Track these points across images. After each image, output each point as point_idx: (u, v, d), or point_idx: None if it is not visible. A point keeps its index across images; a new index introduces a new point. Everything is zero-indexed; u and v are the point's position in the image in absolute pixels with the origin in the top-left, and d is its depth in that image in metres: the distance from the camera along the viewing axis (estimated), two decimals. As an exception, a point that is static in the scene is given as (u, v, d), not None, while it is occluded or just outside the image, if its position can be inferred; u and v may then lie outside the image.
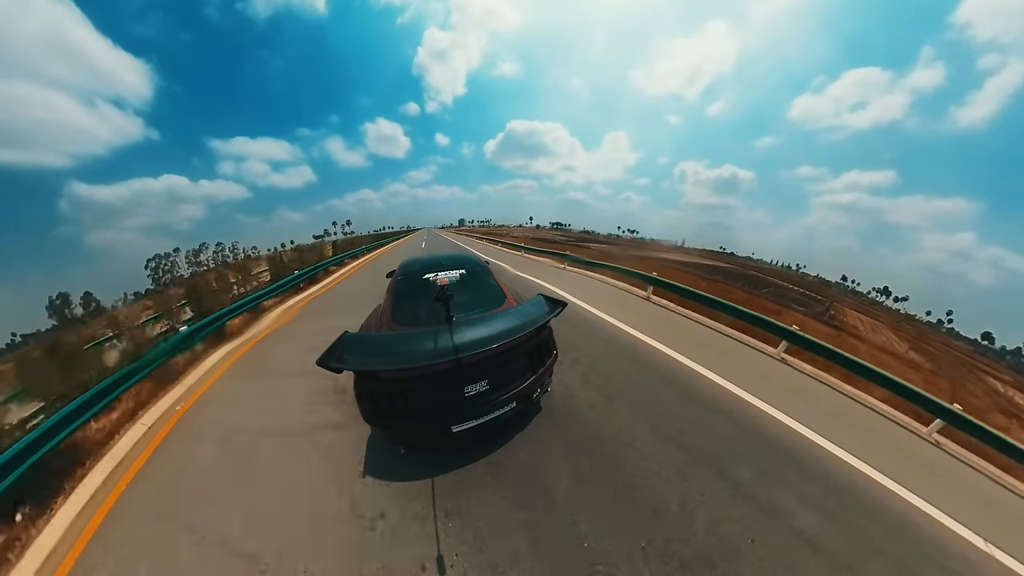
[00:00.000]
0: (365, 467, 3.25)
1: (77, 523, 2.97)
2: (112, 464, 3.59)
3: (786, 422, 4.02)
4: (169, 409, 4.46)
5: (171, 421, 4.18)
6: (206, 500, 3.07)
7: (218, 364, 5.70)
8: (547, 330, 3.36)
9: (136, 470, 3.46)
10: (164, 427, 4.08)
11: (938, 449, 4.18)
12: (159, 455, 3.66)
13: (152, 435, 3.98)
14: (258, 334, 7.04)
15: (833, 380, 5.35)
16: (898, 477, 3.41)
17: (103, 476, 3.43)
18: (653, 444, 3.45)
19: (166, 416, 4.32)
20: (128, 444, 3.87)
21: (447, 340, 2.76)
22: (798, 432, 3.88)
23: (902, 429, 4.46)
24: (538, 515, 2.73)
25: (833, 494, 3.11)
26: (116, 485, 3.30)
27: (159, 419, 4.28)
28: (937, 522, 3.03)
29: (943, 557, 2.72)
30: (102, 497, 3.19)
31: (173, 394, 4.82)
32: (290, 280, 10.43)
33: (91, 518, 2.98)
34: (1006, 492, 3.70)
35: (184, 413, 4.34)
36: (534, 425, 3.63)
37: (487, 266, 4.45)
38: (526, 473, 3.09)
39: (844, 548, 2.63)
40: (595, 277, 11.85)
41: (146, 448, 3.75)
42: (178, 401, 4.64)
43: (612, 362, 5.12)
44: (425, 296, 3.42)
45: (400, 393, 2.75)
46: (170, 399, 4.70)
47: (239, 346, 6.46)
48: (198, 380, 5.19)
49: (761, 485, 3.08)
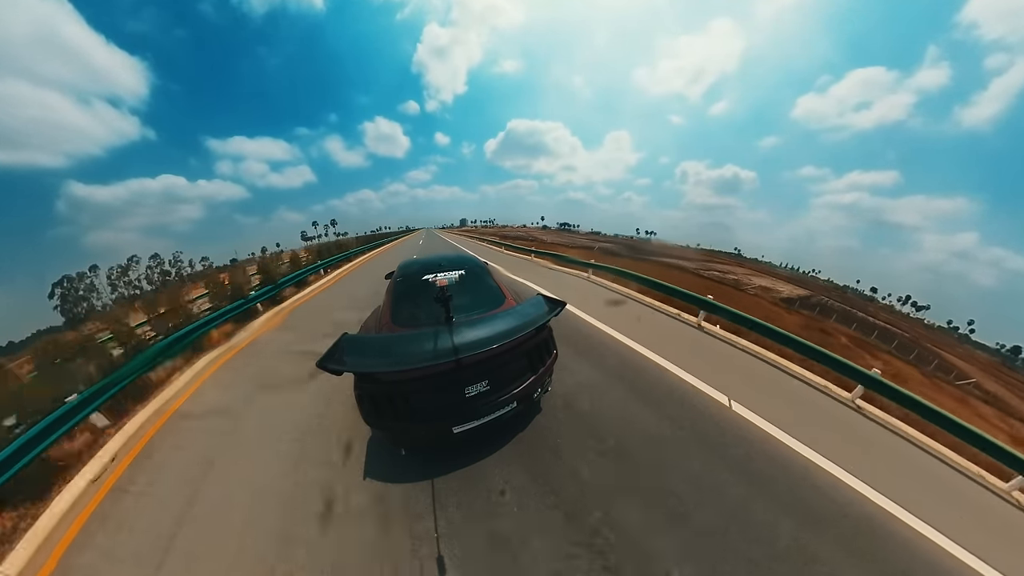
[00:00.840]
0: (366, 469, 3.24)
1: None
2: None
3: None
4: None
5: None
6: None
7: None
8: (547, 330, 3.36)
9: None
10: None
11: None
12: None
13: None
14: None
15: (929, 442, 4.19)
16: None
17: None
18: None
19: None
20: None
21: (447, 341, 2.76)
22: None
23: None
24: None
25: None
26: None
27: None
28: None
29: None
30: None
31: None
32: (194, 330, 6.24)
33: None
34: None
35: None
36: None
37: (486, 267, 4.46)
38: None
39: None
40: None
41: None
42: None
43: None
44: (425, 297, 3.42)
45: (400, 394, 2.75)
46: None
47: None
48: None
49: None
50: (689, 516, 2.76)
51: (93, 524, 2.99)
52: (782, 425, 3.90)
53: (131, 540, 2.81)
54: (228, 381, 5.24)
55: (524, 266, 15.18)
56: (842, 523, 2.89)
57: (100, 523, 3.00)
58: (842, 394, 4.94)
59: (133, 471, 3.52)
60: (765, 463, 3.38)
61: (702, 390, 4.50)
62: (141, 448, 3.83)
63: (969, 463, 4.02)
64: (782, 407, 4.34)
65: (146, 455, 3.73)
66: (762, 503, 2.94)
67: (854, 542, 2.75)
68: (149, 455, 3.73)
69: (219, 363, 5.82)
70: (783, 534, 2.69)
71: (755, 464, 3.36)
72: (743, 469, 3.28)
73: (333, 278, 14.03)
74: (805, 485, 3.19)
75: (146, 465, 3.59)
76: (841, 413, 4.58)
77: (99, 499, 3.22)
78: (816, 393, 4.96)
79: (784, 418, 4.03)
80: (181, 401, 4.68)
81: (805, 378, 5.28)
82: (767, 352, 5.97)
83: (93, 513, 3.09)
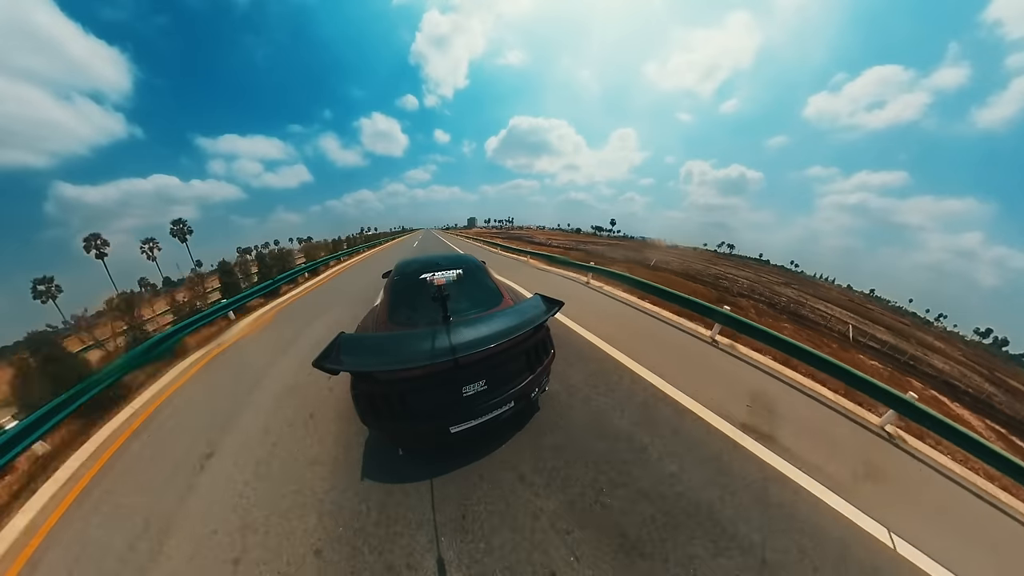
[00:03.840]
0: (363, 470, 3.22)
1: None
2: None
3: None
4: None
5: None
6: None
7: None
8: (544, 329, 3.35)
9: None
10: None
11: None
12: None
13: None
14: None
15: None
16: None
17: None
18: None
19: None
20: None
21: (444, 340, 2.74)
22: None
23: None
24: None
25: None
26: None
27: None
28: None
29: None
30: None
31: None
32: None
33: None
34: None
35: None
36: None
37: (484, 265, 4.45)
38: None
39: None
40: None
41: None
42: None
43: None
44: (422, 296, 3.40)
45: (397, 394, 2.73)
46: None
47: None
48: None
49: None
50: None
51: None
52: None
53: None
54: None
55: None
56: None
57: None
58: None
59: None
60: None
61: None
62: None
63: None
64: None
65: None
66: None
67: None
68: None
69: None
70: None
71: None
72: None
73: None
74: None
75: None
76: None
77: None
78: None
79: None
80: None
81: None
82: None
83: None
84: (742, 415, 4.10)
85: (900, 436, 4.20)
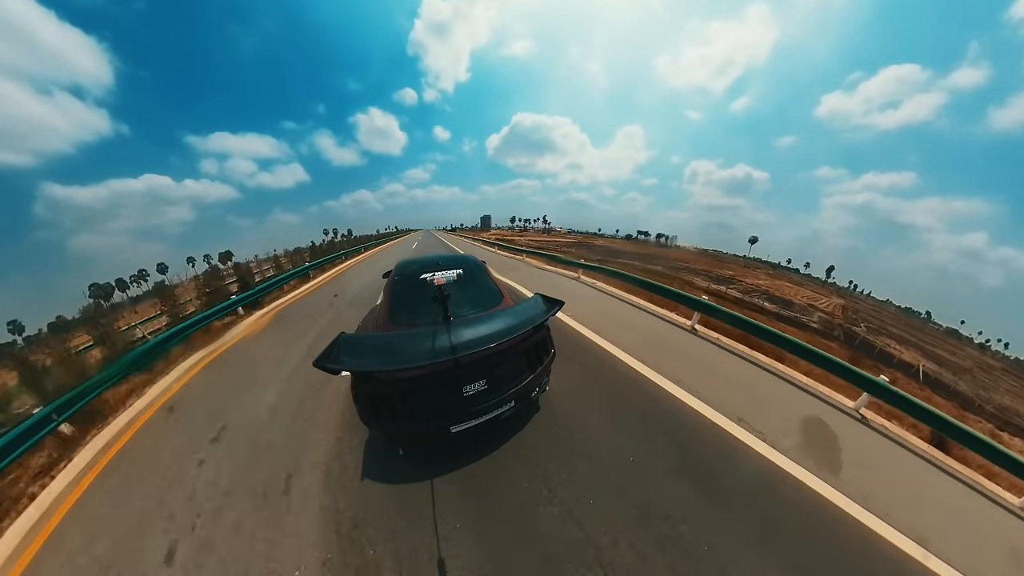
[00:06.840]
0: (363, 470, 3.22)
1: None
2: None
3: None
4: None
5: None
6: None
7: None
8: (545, 329, 3.36)
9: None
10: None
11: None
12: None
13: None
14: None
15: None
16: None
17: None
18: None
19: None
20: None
21: (445, 340, 2.74)
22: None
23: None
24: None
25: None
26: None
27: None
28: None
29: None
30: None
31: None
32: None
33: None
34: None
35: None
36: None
37: (484, 265, 4.45)
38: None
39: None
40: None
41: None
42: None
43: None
44: (422, 296, 3.40)
45: (398, 394, 2.74)
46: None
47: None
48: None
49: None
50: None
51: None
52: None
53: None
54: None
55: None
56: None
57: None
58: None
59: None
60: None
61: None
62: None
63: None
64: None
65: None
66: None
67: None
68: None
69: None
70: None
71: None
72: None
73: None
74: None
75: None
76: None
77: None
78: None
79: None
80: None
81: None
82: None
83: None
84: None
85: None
